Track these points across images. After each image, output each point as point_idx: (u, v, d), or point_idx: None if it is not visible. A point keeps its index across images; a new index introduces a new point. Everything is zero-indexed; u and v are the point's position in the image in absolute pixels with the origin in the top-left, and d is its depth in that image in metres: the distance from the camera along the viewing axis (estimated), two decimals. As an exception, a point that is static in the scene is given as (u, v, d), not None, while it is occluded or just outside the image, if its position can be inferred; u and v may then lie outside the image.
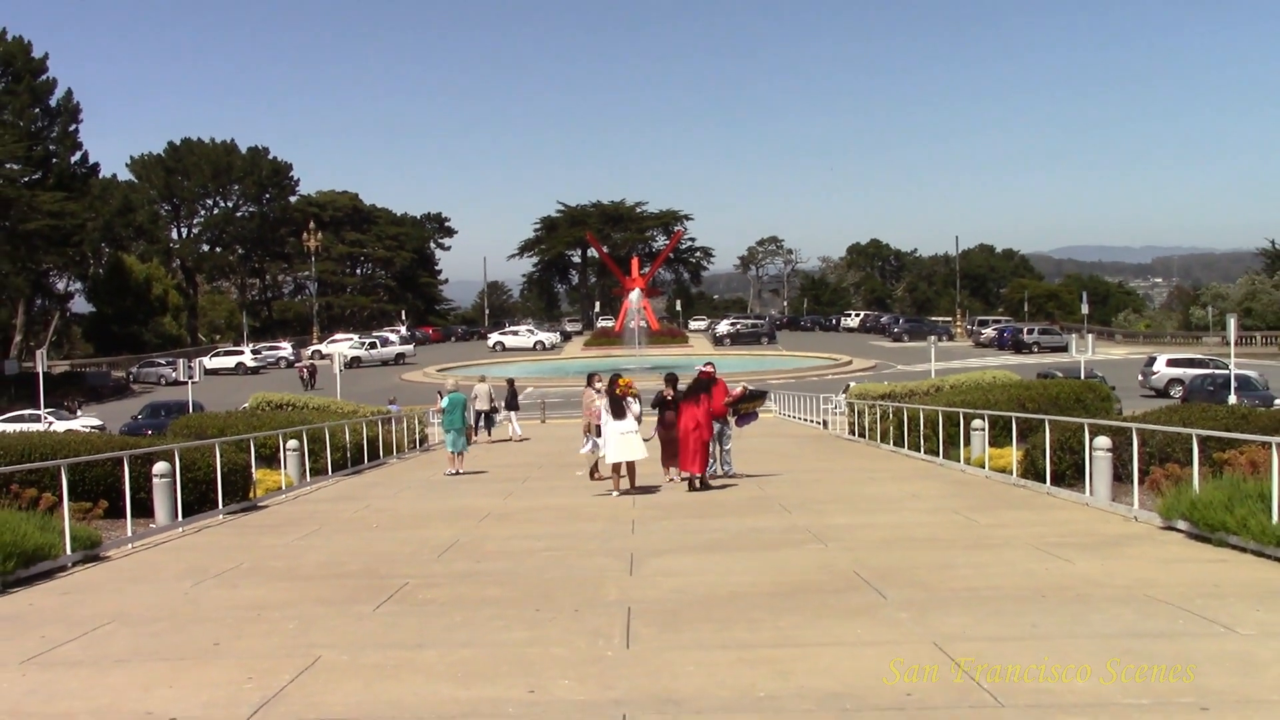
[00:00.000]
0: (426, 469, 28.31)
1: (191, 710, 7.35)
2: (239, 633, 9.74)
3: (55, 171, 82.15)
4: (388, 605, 10.75)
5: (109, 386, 76.90)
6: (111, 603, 11.53)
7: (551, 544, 14.62)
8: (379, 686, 7.84)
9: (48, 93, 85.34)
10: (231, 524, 18.05)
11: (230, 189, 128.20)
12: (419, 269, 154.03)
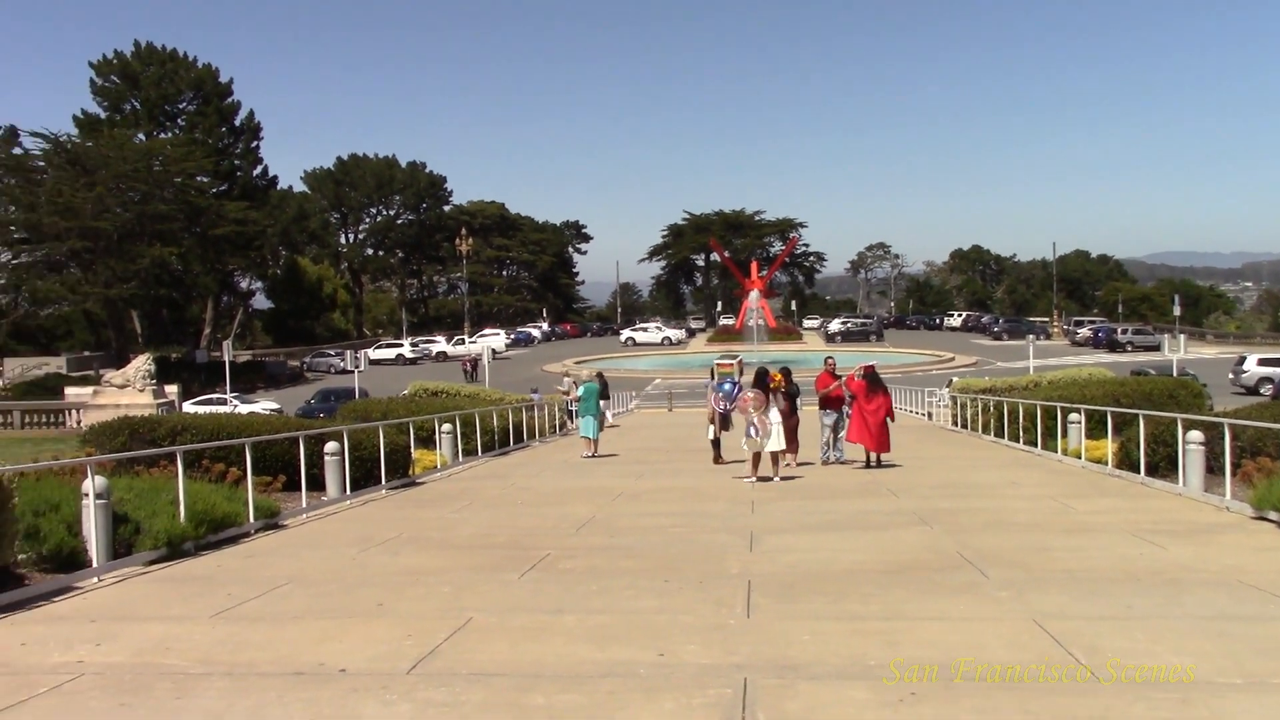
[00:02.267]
0: (565, 452, 28.55)
1: (359, 663, 7.53)
2: (400, 595, 9.93)
3: (240, 183, 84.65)
4: (531, 574, 10.87)
5: (285, 374, 78.98)
6: (288, 566, 11.86)
7: (678, 521, 14.64)
8: (524, 646, 7.93)
9: (233, 114, 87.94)
10: (393, 498, 18.42)
11: (392, 199, 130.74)
12: (558, 271, 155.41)
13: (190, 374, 67.03)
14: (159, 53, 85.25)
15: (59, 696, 6.97)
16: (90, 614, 9.51)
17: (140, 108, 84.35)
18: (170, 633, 8.67)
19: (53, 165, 69.59)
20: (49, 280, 71.33)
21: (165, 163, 70.99)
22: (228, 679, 7.25)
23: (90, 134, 75.64)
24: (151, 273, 70.47)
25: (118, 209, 67.73)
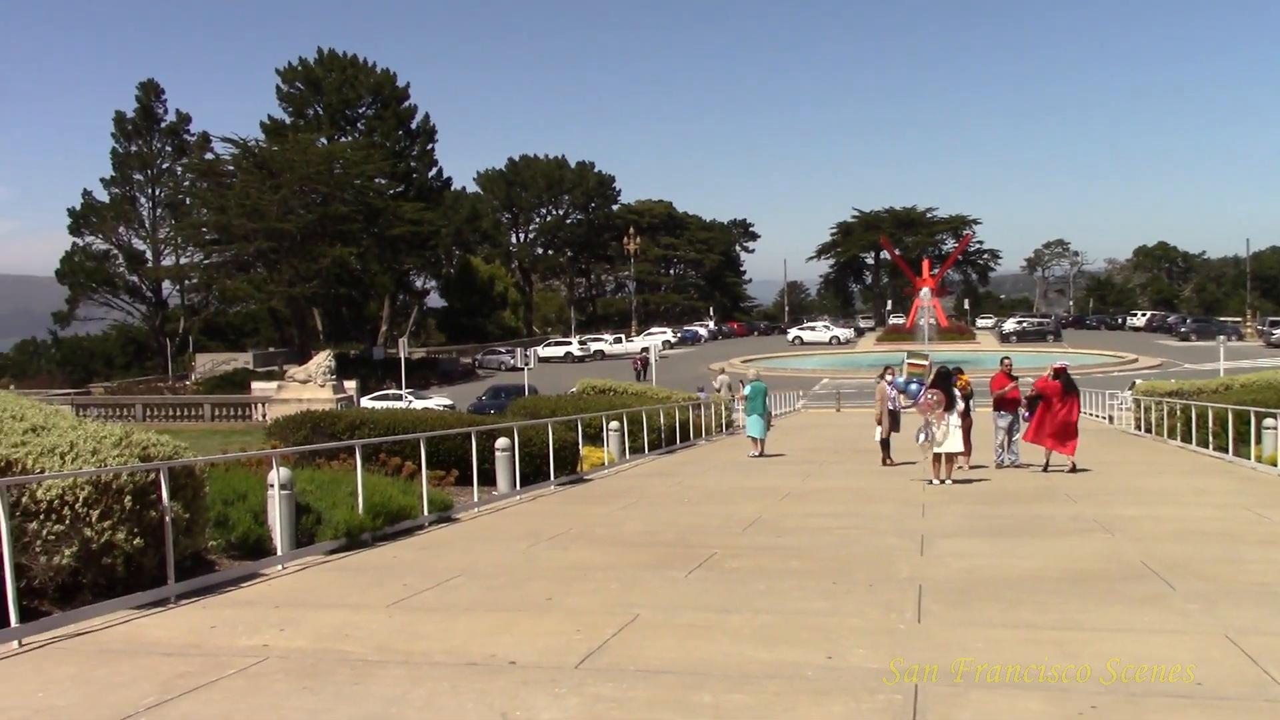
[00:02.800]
0: (731, 451, 28.51)
1: (529, 655, 7.66)
2: (568, 590, 10.07)
3: (415, 185, 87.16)
4: (698, 572, 10.89)
5: (458, 371, 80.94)
6: (461, 558, 12.15)
7: (846, 523, 14.48)
8: (690, 644, 7.95)
9: (410, 118, 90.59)
10: (561, 494, 18.69)
11: (561, 199, 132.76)
12: (725, 269, 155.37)
13: (367, 370, 69.36)
14: (340, 59, 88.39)
15: (246, 679, 7.29)
16: (275, 600, 9.92)
17: (322, 113, 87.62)
18: (349, 620, 8.98)
19: (241, 169, 72.86)
20: (237, 279, 74.74)
21: (345, 166, 73.56)
22: (403, 667, 7.46)
23: (276, 139, 78.95)
24: (332, 272, 73.12)
25: (301, 211, 70.49)
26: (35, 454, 9.66)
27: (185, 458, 10.53)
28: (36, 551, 9.25)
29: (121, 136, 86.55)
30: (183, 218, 79.53)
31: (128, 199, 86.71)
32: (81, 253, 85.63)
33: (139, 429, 10.75)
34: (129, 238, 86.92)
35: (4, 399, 12.16)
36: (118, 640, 8.48)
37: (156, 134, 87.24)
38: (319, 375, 43.05)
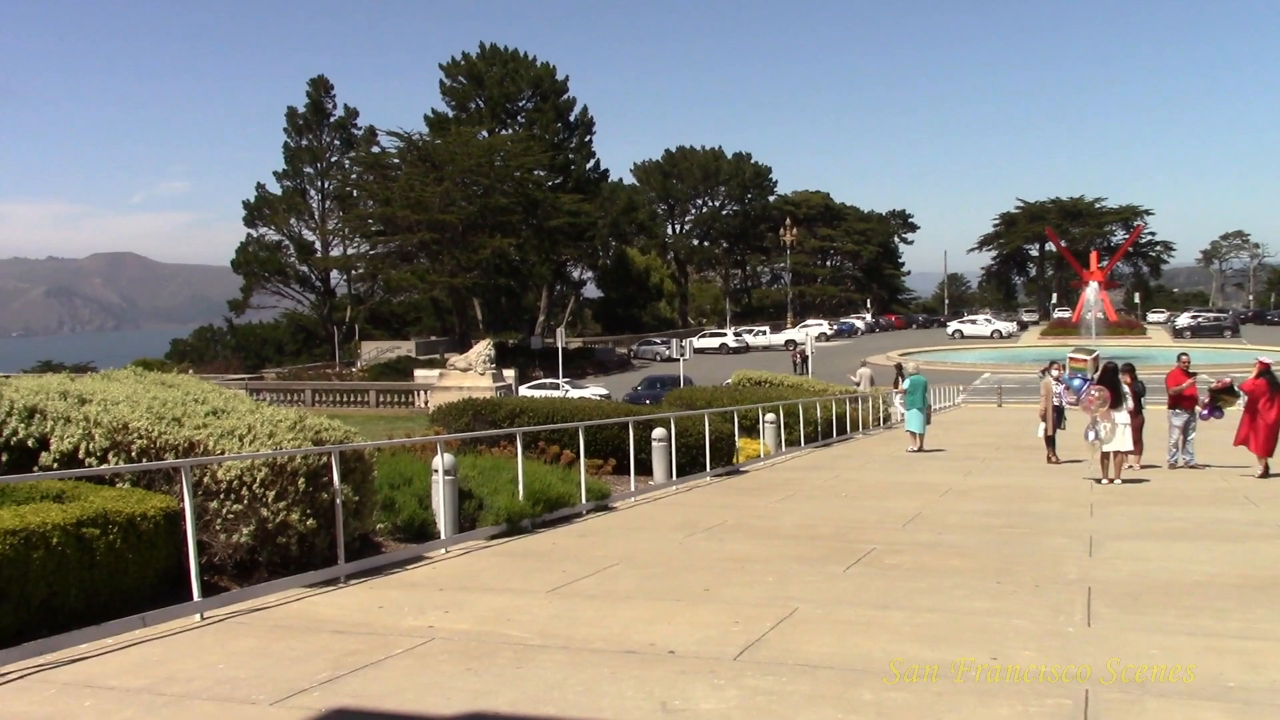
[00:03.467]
0: (889, 445, 28.09)
1: (688, 645, 7.68)
2: (725, 581, 10.07)
3: (573, 177, 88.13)
4: (856, 567, 10.77)
5: (613, 361, 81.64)
6: (618, 546, 12.26)
7: (1010, 521, 14.12)
8: (850, 640, 7.87)
9: (568, 110, 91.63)
10: (717, 485, 18.70)
11: (717, 190, 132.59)
12: (883, 261, 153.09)
13: (525, 359, 70.54)
14: (502, 53, 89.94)
15: (413, 658, 7.49)
16: (439, 583, 10.17)
17: (484, 106, 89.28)
18: (511, 605, 9.15)
19: (406, 162, 74.78)
20: (401, 270, 76.72)
21: (506, 158, 74.81)
22: (564, 652, 7.57)
23: (439, 132, 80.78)
24: (492, 263, 74.45)
25: (462, 202, 71.98)
26: (216, 436, 10.11)
27: (355, 442, 10.87)
28: (216, 529, 9.69)
29: (293, 131, 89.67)
30: (350, 209, 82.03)
31: (298, 192, 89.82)
32: (255, 243, 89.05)
33: (311, 414, 11.14)
34: (299, 229, 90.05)
35: (186, 383, 12.76)
36: (292, 617, 8.82)
37: (326, 128, 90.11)
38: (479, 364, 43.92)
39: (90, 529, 8.38)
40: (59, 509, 8.51)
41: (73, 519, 8.31)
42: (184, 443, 10.06)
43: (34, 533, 7.94)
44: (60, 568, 8.10)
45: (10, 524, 7.89)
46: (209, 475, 9.69)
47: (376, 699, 6.56)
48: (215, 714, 6.37)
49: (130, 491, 9.52)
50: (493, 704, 6.44)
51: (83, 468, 10.07)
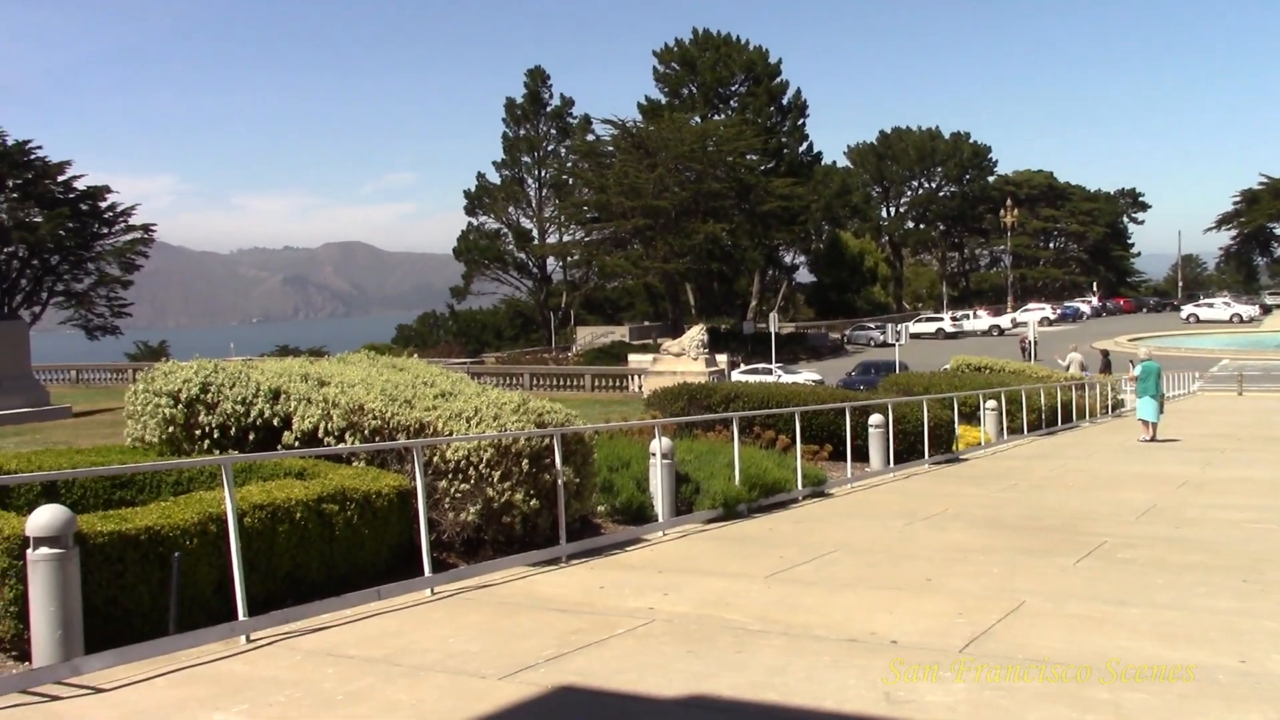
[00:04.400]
0: (1118, 434, 26.88)
1: (910, 636, 7.54)
2: (948, 571, 9.84)
3: (786, 160, 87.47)
4: (1087, 560, 10.35)
5: (826, 346, 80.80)
6: (836, 533, 12.14)
7: (1256, 516, 13.31)
8: (1082, 636, 7.56)
9: (781, 93, 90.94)
10: (935, 473, 18.29)
11: (934, 171, 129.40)
12: (1111, 242, 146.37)
13: (737, 344, 70.55)
14: (714, 38, 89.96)
15: (634, 639, 7.59)
16: (658, 565, 10.28)
17: (696, 92, 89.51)
18: (729, 589, 9.17)
19: (620, 149, 75.70)
20: (615, 256, 77.79)
21: (718, 143, 74.85)
22: (784, 638, 7.54)
23: (652, 119, 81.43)
24: (704, 248, 74.69)
25: (675, 188, 72.40)
26: (444, 418, 10.47)
27: (576, 425, 11.09)
28: (445, 508, 10.04)
29: (511, 122, 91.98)
30: (566, 197, 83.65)
31: (516, 181, 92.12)
32: (475, 232, 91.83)
33: (532, 397, 11.41)
34: (517, 217, 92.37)
35: (416, 367, 13.26)
36: (517, 594, 9.06)
37: (543, 118, 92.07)
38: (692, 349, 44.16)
39: (330, 505, 8.81)
40: (301, 486, 8.98)
41: (314, 495, 8.75)
42: (415, 424, 10.46)
43: (279, 507, 8.40)
44: (303, 541, 8.55)
45: (258, 499, 8.37)
46: (438, 455, 10.04)
47: (600, 677, 6.67)
48: (448, 686, 6.60)
49: (366, 470, 9.97)
50: (714, 687, 6.47)
51: (321, 446, 10.61)
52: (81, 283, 71.05)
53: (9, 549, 6.91)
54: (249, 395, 11.17)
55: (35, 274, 68.45)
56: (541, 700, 6.35)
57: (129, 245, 72.21)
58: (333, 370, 12.24)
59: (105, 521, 7.37)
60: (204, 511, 7.88)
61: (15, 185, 66.07)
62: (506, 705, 6.24)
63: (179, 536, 7.56)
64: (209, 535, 7.76)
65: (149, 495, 9.98)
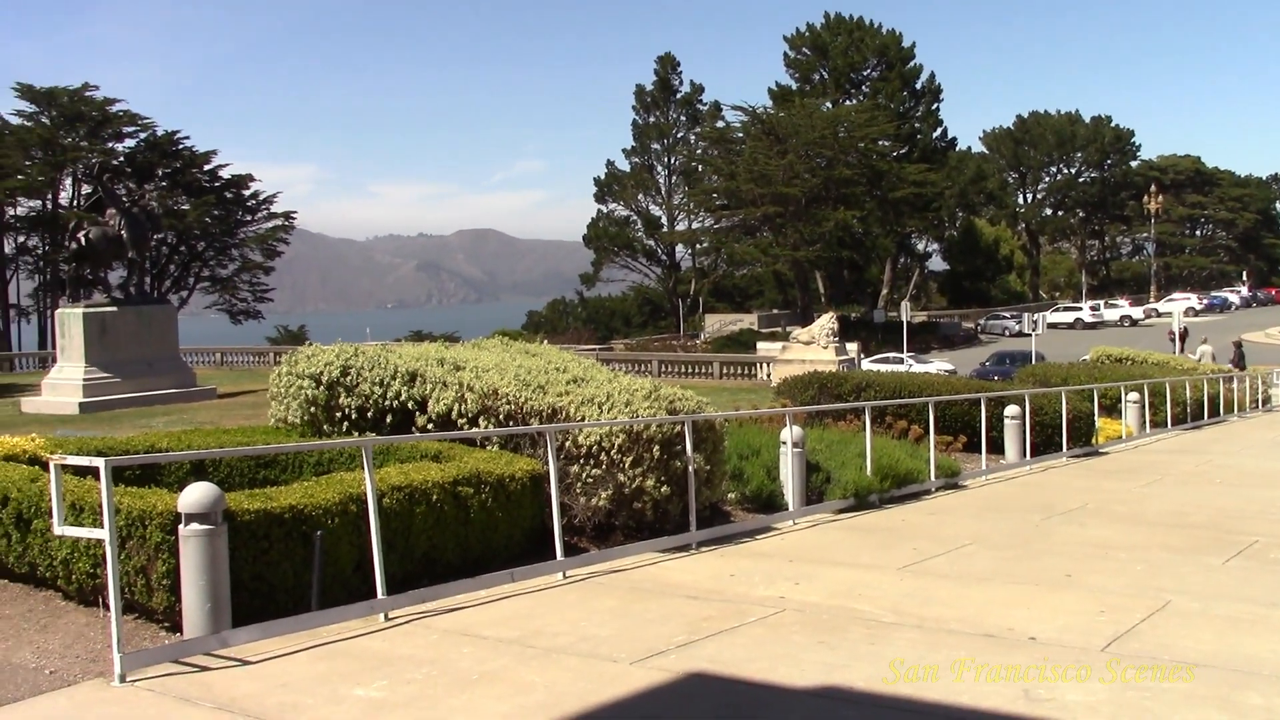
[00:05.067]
0: (1270, 429, 25.87)
1: (1049, 633, 7.36)
2: (1088, 568, 9.58)
3: (919, 146, 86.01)
4: (1237, 560, 9.98)
5: (959, 335, 79.34)
6: (970, 526, 11.91)
7: None
8: (1232, 638, 7.29)
9: (915, 78, 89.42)
10: (1074, 466, 17.83)
11: (1073, 156, 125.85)
12: (1262, 230, 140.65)
13: (868, 333, 69.68)
14: (847, 22, 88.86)
15: (765, 627, 7.57)
16: (788, 554, 10.22)
17: (828, 77, 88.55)
18: (861, 580, 9.07)
19: (750, 136, 75.35)
20: (744, 243, 77.61)
21: (850, 129, 73.97)
22: (917, 631, 7.43)
23: (782, 105, 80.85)
24: (835, 235, 73.98)
25: (806, 175, 71.80)
26: (576, 403, 10.57)
27: (707, 412, 11.09)
28: (577, 493, 10.14)
29: (641, 109, 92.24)
30: (695, 184, 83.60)
31: (646, 168, 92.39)
32: (605, 219, 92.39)
33: (664, 384, 11.45)
34: (647, 204, 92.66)
35: (548, 352, 13.41)
36: (647, 580, 9.10)
37: (673, 105, 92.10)
38: (822, 337, 43.72)
39: (465, 488, 8.97)
40: (438, 468, 9.16)
41: (450, 478, 8.92)
42: (547, 409, 10.58)
43: (417, 489, 8.58)
44: (439, 523, 8.72)
45: (396, 480, 8.56)
46: (570, 440, 10.14)
47: (731, 665, 6.66)
48: (580, 669, 6.66)
49: (499, 454, 10.12)
50: (846, 678, 6.41)
51: (455, 429, 10.80)
52: (226, 268, 73.62)
53: (162, 524, 7.19)
54: (387, 378, 11.43)
55: (183, 260, 71.17)
56: (673, 686, 6.37)
57: (271, 232, 74.57)
58: (467, 355, 12.44)
59: (252, 500, 7.62)
60: (345, 492, 8.09)
61: (164, 174, 68.75)
62: (639, 689, 6.27)
63: (321, 516, 7.77)
64: (349, 515, 7.96)
65: (291, 475, 10.30)
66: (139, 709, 6.03)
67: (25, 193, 65.31)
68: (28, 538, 8.07)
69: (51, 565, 7.93)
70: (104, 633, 7.21)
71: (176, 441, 11.21)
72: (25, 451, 9.76)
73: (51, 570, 7.96)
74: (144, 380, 32.70)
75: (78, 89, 66.55)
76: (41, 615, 7.82)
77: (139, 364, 32.89)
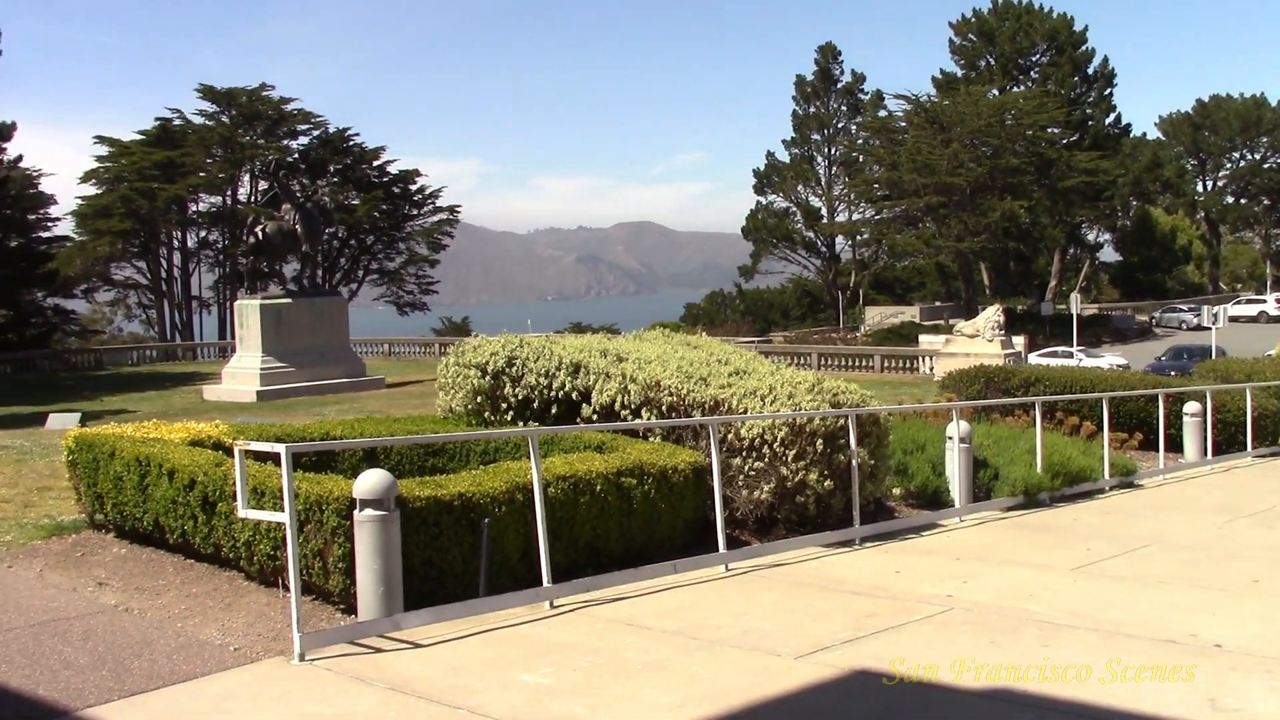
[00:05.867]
0: None
1: (1237, 640, 7.02)
2: (1278, 573, 9.13)
3: (1090, 133, 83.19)
4: None
5: (1132, 329, 76.52)
6: (1148, 527, 11.49)
7: None
8: None
9: (1086, 62, 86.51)
10: (1260, 466, 17.04)
11: (1258, 141, 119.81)
12: None
13: (1035, 326, 67.77)
14: (1015, 7, 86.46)
15: (932, 626, 7.42)
16: (955, 551, 10.01)
17: (994, 63, 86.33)
18: (1032, 580, 8.83)
19: (912, 125, 73.95)
20: (906, 234, 76.24)
21: (1017, 116, 71.97)
22: (1093, 634, 7.19)
23: (947, 93, 79.15)
24: (1000, 226, 72.10)
25: (971, 164, 70.15)
26: (738, 396, 10.54)
27: (871, 406, 10.93)
28: (739, 485, 10.11)
29: (801, 99, 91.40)
30: (856, 175, 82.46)
31: (806, 159, 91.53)
32: (764, 211, 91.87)
33: (827, 377, 11.32)
34: (806, 195, 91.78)
35: (709, 344, 13.41)
36: (810, 574, 9.03)
37: (833, 95, 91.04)
38: (987, 330, 42.74)
39: (628, 479, 9.03)
40: (601, 459, 9.24)
41: (613, 469, 8.99)
42: (709, 401, 10.57)
43: (581, 479, 8.68)
44: (602, 513, 8.81)
45: (561, 470, 8.67)
46: (732, 433, 10.11)
47: (897, 663, 6.55)
48: (744, 662, 6.64)
49: (662, 445, 10.16)
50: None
51: (618, 420, 10.88)
52: (393, 261, 75.74)
53: (338, 509, 7.42)
54: (551, 369, 11.58)
55: (353, 253, 73.49)
56: (838, 682, 6.30)
57: (436, 226, 76.44)
58: (629, 347, 12.52)
59: (423, 487, 7.81)
60: (511, 481, 8.22)
61: (336, 170, 71.15)
62: (803, 685, 6.22)
63: (488, 504, 7.92)
64: (515, 504, 8.09)
65: (458, 463, 10.53)
66: (317, 687, 6.25)
67: (207, 189, 68.46)
68: (213, 520, 8.43)
69: (234, 546, 8.26)
70: (283, 612, 7.49)
71: (349, 429, 11.57)
72: (210, 437, 10.20)
73: (234, 551, 8.30)
74: (316, 369, 33.91)
75: (255, 89, 69.29)
76: (225, 594, 8.16)
77: (311, 354, 34.12)
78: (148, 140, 67.26)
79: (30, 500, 11.62)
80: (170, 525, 8.85)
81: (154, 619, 7.59)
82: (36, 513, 10.88)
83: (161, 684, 6.33)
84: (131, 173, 64.37)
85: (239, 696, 6.19)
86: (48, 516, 10.62)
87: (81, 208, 66.56)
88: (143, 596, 8.12)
